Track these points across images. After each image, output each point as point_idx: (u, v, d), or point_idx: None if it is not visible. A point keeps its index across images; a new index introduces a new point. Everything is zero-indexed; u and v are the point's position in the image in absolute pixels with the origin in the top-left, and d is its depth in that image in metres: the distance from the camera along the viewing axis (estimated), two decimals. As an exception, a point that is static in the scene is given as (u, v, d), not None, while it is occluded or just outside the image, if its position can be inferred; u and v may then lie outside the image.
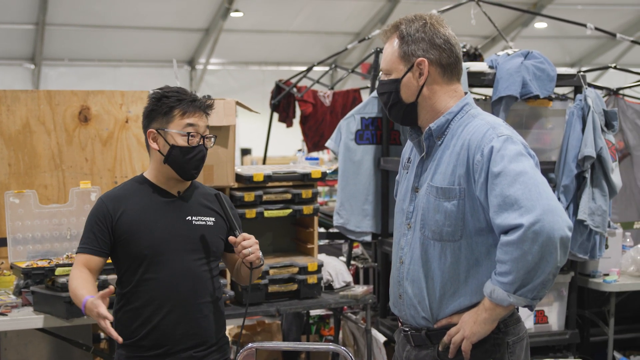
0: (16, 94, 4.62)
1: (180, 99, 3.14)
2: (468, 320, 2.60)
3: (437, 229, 2.65)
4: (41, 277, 3.91)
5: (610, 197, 4.92)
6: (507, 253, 2.46)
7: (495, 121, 2.66)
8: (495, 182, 2.49)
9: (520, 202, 2.44)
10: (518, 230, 2.42)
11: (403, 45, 2.70)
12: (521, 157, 2.53)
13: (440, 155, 2.70)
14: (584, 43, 18.17)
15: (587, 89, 4.92)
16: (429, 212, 2.67)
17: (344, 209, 5.25)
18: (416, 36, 2.68)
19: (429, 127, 2.71)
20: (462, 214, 2.60)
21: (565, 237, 2.43)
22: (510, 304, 2.50)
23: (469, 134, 2.62)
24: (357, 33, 16.58)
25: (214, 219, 3.26)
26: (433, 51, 2.68)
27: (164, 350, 3.13)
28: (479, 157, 2.55)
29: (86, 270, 3.13)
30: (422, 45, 2.68)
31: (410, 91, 2.71)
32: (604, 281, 5.12)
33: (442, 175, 2.65)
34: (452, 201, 2.61)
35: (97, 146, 4.76)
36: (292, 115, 7.63)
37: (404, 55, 2.70)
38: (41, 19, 14.37)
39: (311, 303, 4.56)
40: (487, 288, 2.55)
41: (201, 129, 3.17)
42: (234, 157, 4.47)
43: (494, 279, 2.52)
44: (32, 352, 4.50)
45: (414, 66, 2.68)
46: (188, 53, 17.03)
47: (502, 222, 2.47)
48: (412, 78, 2.70)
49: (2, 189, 4.50)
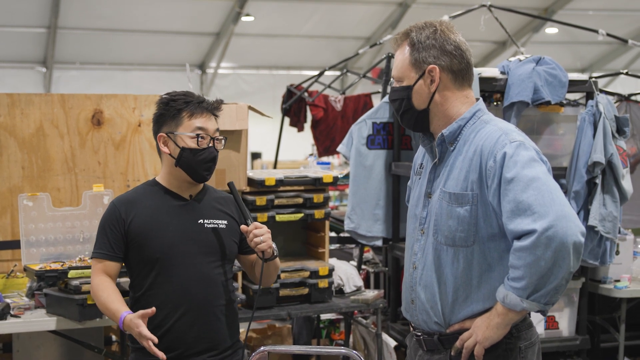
0: (30, 97, 4.65)
1: (188, 102, 3.17)
2: (481, 325, 2.60)
3: (449, 235, 2.66)
4: (54, 279, 3.93)
5: (621, 203, 4.91)
6: (520, 258, 2.47)
7: (508, 127, 2.67)
8: (508, 187, 2.50)
9: (533, 208, 2.45)
10: (531, 235, 2.43)
11: (414, 53, 2.71)
12: (534, 162, 2.54)
13: (452, 161, 2.71)
14: (595, 49, 18.14)
15: (599, 94, 4.92)
16: (442, 218, 2.68)
17: (355, 213, 5.26)
18: (427, 43, 2.70)
19: (441, 134, 2.72)
20: (475, 219, 2.61)
21: (578, 243, 2.44)
22: (523, 309, 2.51)
23: (481, 139, 2.63)
24: (368, 38, 16.58)
25: (227, 222, 3.27)
26: (444, 58, 2.69)
27: (177, 353, 3.14)
28: (491, 163, 2.56)
29: (108, 279, 3.17)
30: (432, 52, 2.69)
31: (422, 98, 2.72)
32: (614, 287, 5.10)
33: (455, 181, 2.66)
34: (464, 207, 2.62)
35: (110, 150, 4.78)
36: (303, 120, 7.65)
37: (415, 63, 2.71)
38: (53, 22, 14.43)
39: (322, 307, 4.57)
40: (500, 293, 2.56)
41: (210, 131, 3.19)
42: (246, 161, 4.49)
43: (507, 284, 2.53)
44: (44, 354, 4.53)
45: (425, 73, 2.70)
46: (199, 57, 17.06)
47: (515, 227, 2.48)
48: (424, 85, 2.71)
49: (15, 192, 4.54)
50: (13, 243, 4.51)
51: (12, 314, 3.90)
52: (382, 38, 7.50)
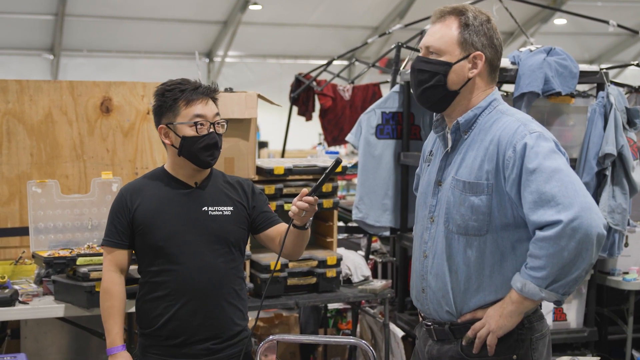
0: (39, 84, 4.64)
1: (183, 90, 3.16)
2: (494, 315, 2.60)
3: (462, 223, 2.64)
4: (62, 266, 3.92)
5: (631, 195, 4.90)
6: (542, 248, 2.46)
7: (525, 118, 2.66)
8: (531, 178, 2.49)
9: (557, 199, 2.44)
10: (556, 226, 2.43)
11: (465, 32, 2.67)
12: (554, 154, 2.53)
13: (466, 149, 2.69)
14: (603, 40, 18.08)
15: (610, 86, 4.90)
16: (454, 206, 2.66)
17: (363, 203, 5.25)
18: (480, 29, 2.67)
19: (456, 121, 2.71)
20: (489, 208, 2.60)
21: (601, 235, 2.44)
22: (542, 298, 2.50)
23: (498, 129, 2.62)
24: (375, 27, 16.55)
25: (232, 208, 3.26)
26: (490, 49, 2.68)
27: (180, 340, 3.15)
28: (510, 153, 2.54)
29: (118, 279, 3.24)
30: (483, 40, 2.67)
31: (458, 79, 2.68)
32: (623, 279, 5.09)
33: (469, 169, 2.65)
34: (479, 196, 2.61)
35: (119, 137, 4.78)
36: (311, 109, 7.63)
37: (464, 42, 2.67)
38: (60, 9, 14.43)
39: (330, 297, 4.57)
40: (517, 282, 2.55)
41: (209, 117, 3.17)
42: (255, 149, 4.48)
43: (526, 274, 2.51)
44: (52, 341, 4.53)
45: (470, 57, 2.67)
46: (206, 45, 17.05)
47: (539, 218, 2.47)
48: (464, 67, 2.68)
49: (24, 179, 4.53)
50: (21, 230, 4.52)
51: (21, 301, 3.90)
52: (390, 28, 7.48)
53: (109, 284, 3.22)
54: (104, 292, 3.23)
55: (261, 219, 3.32)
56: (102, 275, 3.28)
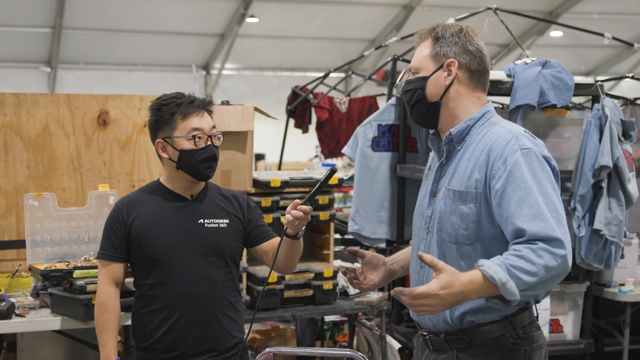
0: (36, 97, 4.65)
1: (179, 103, 3.17)
2: (456, 288, 2.40)
3: (452, 232, 2.65)
4: (59, 279, 3.94)
5: (627, 207, 4.91)
6: (541, 257, 2.41)
7: (518, 130, 2.66)
8: (513, 195, 2.50)
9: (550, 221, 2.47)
10: (562, 247, 2.43)
11: (436, 46, 2.72)
12: (542, 173, 2.53)
13: (458, 159, 2.71)
14: (599, 52, 18.13)
15: (605, 98, 4.92)
16: (445, 215, 2.67)
17: (359, 215, 5.26)
18: (450, 40, 2.71)
19: (449, 132, 2.72)
20: (478, 217, 2.60)
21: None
22: (513, 299, 2.42)
23: (490, 139, 2.63)
24: (372, 40, 16.58)
25: (228, 220, 3.27)
26: (464, 56, 2.70)
27: (178, 353, 3.16)
28: (499, 165, 2.55)
29: (113, 292, 3.23)
30: (454, 49, 2.70)
31: (436, 89, 2.72)
32: (619, 291, 5.10)
33: (460, 178, 2.66)
34: (468, 204, 2.61)
35: (116, 150, 4.79)
36: (308, 122, 7.65)
37: (436, 55, 2.72)
38: (58, 22, 14.44)
39: (326, 309, 4.57)
40: (499, 275, 2.40)
41: (206, 129, 3.19)
42: (251, 162, 4.49)
43: (514, 273, 2.39)
44: (48, 354, 4.53)
45: (444, 66, 2.70)
46: (203, 58, 17.07)
47: (540, 231, 2.43)
48: (440, 77, 2.71)
49: (21, 192, 4.54)
50: (18, 242, 4.52)
51: (17, 314, 3.90)
52: (386, 40, 7.51)
53: (104, 297, 3.22)
54: (99, 306, 3.23)
55: (256, 233, 3.33)
56: (97, 289, 3.29)
